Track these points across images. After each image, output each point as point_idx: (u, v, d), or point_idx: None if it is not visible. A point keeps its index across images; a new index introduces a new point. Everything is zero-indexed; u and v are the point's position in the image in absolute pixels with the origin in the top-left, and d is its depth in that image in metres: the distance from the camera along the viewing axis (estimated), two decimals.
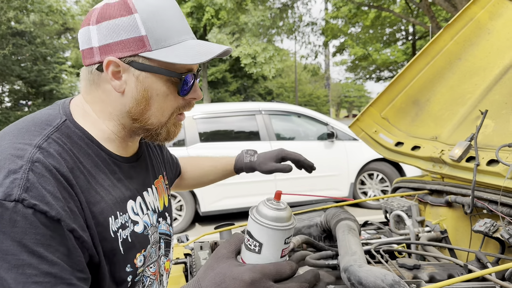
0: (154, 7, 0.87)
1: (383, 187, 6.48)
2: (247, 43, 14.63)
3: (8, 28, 15.82)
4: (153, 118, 0.92)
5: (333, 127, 6.35)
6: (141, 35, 0.85)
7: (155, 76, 0.88)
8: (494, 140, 1.59)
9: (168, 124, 0.94)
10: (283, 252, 0.70)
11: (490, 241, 1.50)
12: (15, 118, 16.69)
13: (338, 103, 48.51)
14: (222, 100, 22.58)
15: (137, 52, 0.86)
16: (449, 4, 9.70)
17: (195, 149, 5.77)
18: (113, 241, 0.86)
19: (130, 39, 0.86)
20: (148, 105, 0.90)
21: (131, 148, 1.01)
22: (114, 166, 0.93)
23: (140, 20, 0.85)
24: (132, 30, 0.85)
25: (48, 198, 0.74)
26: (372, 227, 2.00)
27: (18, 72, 16.86)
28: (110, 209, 0.88)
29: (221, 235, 1.83)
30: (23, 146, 0.78)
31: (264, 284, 0.67)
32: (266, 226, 0.68)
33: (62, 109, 0.91)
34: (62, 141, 0.83)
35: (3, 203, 0.71)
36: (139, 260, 0.93)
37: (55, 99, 17.88)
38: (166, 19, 0.88)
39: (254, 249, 0.69)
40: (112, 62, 0.86)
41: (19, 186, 0.72)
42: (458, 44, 1.99)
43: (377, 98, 2.14)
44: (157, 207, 1.06)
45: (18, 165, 0.74)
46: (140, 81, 0.88)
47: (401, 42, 21.87)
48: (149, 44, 0.86)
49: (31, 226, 0.71)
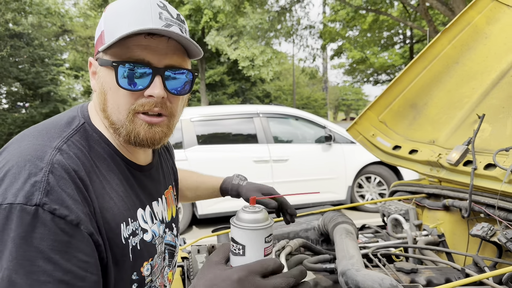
0: (118, 4, 0.89)
1: (380, 190, 6.48)
2: (245, 46, 14.64)
3: (6, 30, 15.78)
4: (113, 115, 0.89)
5: (330, 130, 6.36)
6: (101, 31, 0.88)
7: (107, 69, 0.88)
8: (492, 144, 1.60)
9: (134, 124, 0.88)
10: (265, 251, 0.74)
11: (488, 245, 1.50)
12: (12, 120, 16.64)
13: (336, 106, 48.58)
14: (220, 102, 22.57)
15: (98, 48, 0.88)
16: (446, 8, 9.74)
17: (192, 151, 5.76)
18: (124, 247, 0.86)
19: (98, 38, 0.90)
20: (105, 100, 0.89)
21: (143, 155, 1.01)
22: (128, 172, 0.94)
23: (103, 17, 0.89)
24: (99, 29, 0.90)
25: (68, 202, 0.75)
26: (369, 231, 2.00)
27: (16, 74, 16.81)
28: (122, 216, 0.88)
29: (219, 239, 1.82)
30: (43, 148, 0.79)
31: (251, 280, 0.69)
32: (244, 228, 0.72)
33: (80, 112, 0.93)
34: (81, 143, 0.85)
35: (24, 207, 0.71)
36: (146, 269, 0.93)
37: (53, 101, 17.85)
38: (122, 13, 0.86)
39: (238, 253, 0.73)
40: (91, 63, 0.92)
41: (39, 190, 0.72)
42: (455, 48, 2.00)
43: (375, 101, 2.14)
44: (165, 218, 1.06)
45: (38, 167, 0.75)
46: (100, 76, 0.90)
47: (399, 45, 21.92)
48: (104, 38, 0.87)
49: (50, 232, 0.72)
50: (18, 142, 0.81)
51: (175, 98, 0.92)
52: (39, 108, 17.35)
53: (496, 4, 1.94)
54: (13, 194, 0.72)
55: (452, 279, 1.26)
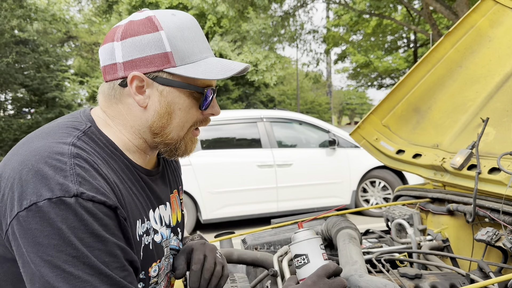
0: (179, 25, 0.90)
1: (385, 194, 6.45)
2: (248, 51, 14.69)
3: (11, 36, 15.91)
4: (173, 133, 0.94)
5: (334, 134, 6.34)
6: (166, 51, 0.88)
7: (178, 91, 0.91)
8: (496, 148, 1.59)
9: (186, 139, 0.96)
10: (323, 256, 0.91)
11: (493, 250, 1.48)
12: (17, 125, 16.73)
13: (340, 110, 48.51)
14: (224, 107, 22.58)
15: (162, 68, 0.89)
16: (450, 12, 9.72)
17: (196, 156, 5.76)
18: (137, 244, 0.88)
19: (155, 55, 0.88)
20: (170, 119, 0.92)
21: (150, 161, 1.02)
22: (137, 175, 0.95)
23: (166, 37, 0.88)
24: (158, 47, 0.88)
25: (102, 189, 0.77)
26: (373, 236, 1.98)
27: (21, 80, 16.92)
28: (139, 212, 0.90)
29: (221, 244, 1.82)
30: (58, 144, 0.80)
31: (322, 281, 0.85)
32: (303, 240, 0.92)
33: (84, 117, 0.93)
34: (90, 144, 0.86)
35: (64, 199, 0.72)
36: (154, 269, 0.94)
37: (58, 106, 17.94)
38: (189, 37, 0.91)
39: (304, 263, 0.91)
40: (136, 77, 0.89)
41: (73, 182, 0.74)
42: (459, 52, 1.99)
43: (378, 105, 2.14)
44: (170, 222, 1.06)
45: (62, 161, 0.76)
46: (164, 96, 0.90)
47: (403, 49, 21.89)
48: (173, 60, 0.88)
49: (95, 218, 0.74)
50: (28, 144, 0.82)
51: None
52: (44, 114, 17.43)
53: (499, 7, 1.94)
54: (47, 190, 0.72)
55: (457, 285, 1.24)
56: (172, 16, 0.91)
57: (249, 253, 1.48)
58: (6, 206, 0.75)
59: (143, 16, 0.91)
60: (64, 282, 0.70)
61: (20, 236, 0.73)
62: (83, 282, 0.71)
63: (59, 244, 0.71)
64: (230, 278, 1.25)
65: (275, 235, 1.76)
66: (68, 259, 0.71)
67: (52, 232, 0.71)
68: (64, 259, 0.71)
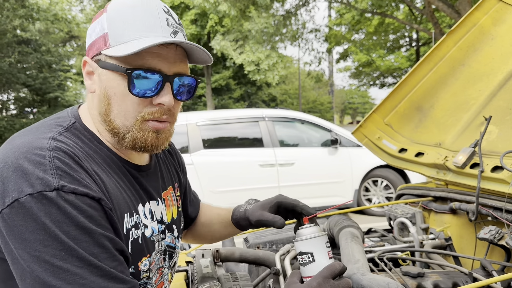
0: (122, 5, 0.87)
1: (387, 193, 6.44)
2: (250, 50, 14.67)
3: (13, 36, 15.96)
4: (117, 120, 0.88)
5: (336, 133, 6.33)
6: (104, 32, 0.87)
7: (113, 73, 0.86)
8: (499, 146, 1.58)
9: (134, 129, 0.88)
10: (329, 254, 0.90)
11: (495, 249, 1.48)
12: (20, 125, 16.79)
13: (342, 109, 48.47)
14: (226, 106, 22.61)
15: (100, 50, 0.87)
16: (452, 11, 9.69)
17: (198, 156, 5.77)
18: (125, 238, 0.86)
19: (97, 38, 0.88)
20: (109, 105, 0.88)
21: (141, 157, 1.00)
22: (125, 170, 0.94)
23: (106, 19, 0.87)
24: (99, 29, 0.88)
25: (84, 181, 0.76)
26: (376, 235, 1.98)
27: (24, 79, 16.98)
28: (127, 206, 0.88)
29: (223, 243, 1.82)
30: (37, 139, 0.79)
31: (327, 283, 0.84)
32: (308, 238, 0.90)
33: (71, 113, 0.93)
34: (73, 140, 0.84)
35: (45, 194, 0.71)
36: (144, 264, 0.93)
37: (60, 106, 18.00)
38: (129, 17, 0.86)
39: (308, 261, 0.89)
40: (85, 62, 0.90)
41: (53, 175, 0.73)
42: (461, 50, 1.99)
43: (380, 104, 2.13)
44: (164, 219, 1.04)
45: (41, 155, 0.75)
46: (102, 80, 0.88)
47: (405, 48, 21.85)
48: (108, 41, 0.86)
49: (78, 210, 0.73)
50: (10, 142, 0.81)
51: (178, 104, 0.94)
52: (47, 114, 17.48)
53: (502, 5, 1.93)
54: (28, 186, 0.72)
55: (460, 283, 1.24)
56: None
57: (251, 251, 1.48)
58: None
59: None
60: (53, 276, 0.70)
61: (7, 234, 0.72)
62: (73, 275, 0.70)
63: (44, 238, 0.70)
64: (232, 277, 1.25)
65: (277, 234, 1.76)
66: (55, 253, 0.70)
67: (36, 227, 0.70)
68: (51, 253, 0.70)
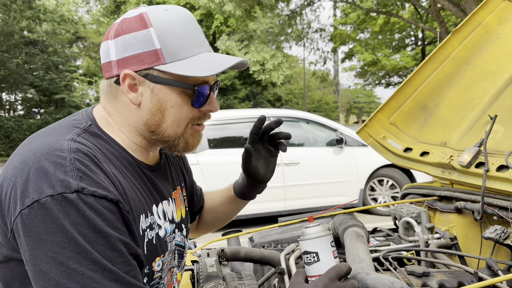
0: (169, 21, 0.89)
1: (393, 193, 6.42)
2: (255, 50, 14.67)
3: (21, 37, 16.10)
4: (169, 130, 0.93)
5: (342, 133, 6.33)
6: (156, 48, 0.87)
7: (170, 88, 0.90)
8: (504, 145, 1.57)
9: (185, 135, 0.95)
10: (334, 254, 0.90)
11: (501, 248, 1.47)
12: (27, 126, 16.92)
13: (348, 109, 48.32)
14: (231, 106, 22.63)
15: (152, 65, 0.88)
16: (458, 9, 9.64)
17: (204, 155, 5.78)
18: (140, 239, 0.87)
19: (145, 53, 0.88)
20: (163, 117, 0.91)
21: (152, 157, 1.03)
22: (139, 170, 0.95)
23: (155, 34, 0.87)
24: (147, 44, 0.88)
25: (103, 183, 0.77)
26: (381, 234, 1.98)
27: (31, 80, 17.11)
28: (142, 207, 0.90)
29: (229, 242, 1.82)
30: (57, 141, 0.80)
31: (333, 284, 0.84)
32: (313, 238, 0.90)
33: (86, 115, 0.94)
34: (90, 140, 0.86)
35: (66, 195, 0.72)
36: (157, 264, 0.94)
37: (67, 107, 18.10)
38: (180, 33, 0.90)
39: (314, 260, 0.89)
40: (128, 75, 0.89)
41: (73, 177, 0.74)
42: (466, 49, 1.98)
43: (385, 103, 2.13)
44: (174, 218, 1.06)
45: (62, 157, 0.76)
46: (155, 94, 0.90)
47: (411, 47, 21.76)
48: (163, 57, 0.88)
49: (97, 213, 0.74)
50: (29, 143, 0.83)
51: None
52: (54, 114, 17.60)
53: (507, 3, 1.92)
54: (48, 187, 0.73)
55: (465, 283, 1.24)
56: (165, 11, 0.91)
57: (256, 251, 1.49)
58: (10, 205, 0.76)
59: (136, 13, 0.91)
60: (68, 278, 0.71)
61: (24, 234, 0.73)
62: (87, 278, 0.72)
63: (62, 240, 0.71)
64: (237, 276, 1.26)
65: (282, 233, 1.76)
66: (71, 255, 0.71)
67: (55, 229, 0.72)
68: (68, 255, 0.71)
